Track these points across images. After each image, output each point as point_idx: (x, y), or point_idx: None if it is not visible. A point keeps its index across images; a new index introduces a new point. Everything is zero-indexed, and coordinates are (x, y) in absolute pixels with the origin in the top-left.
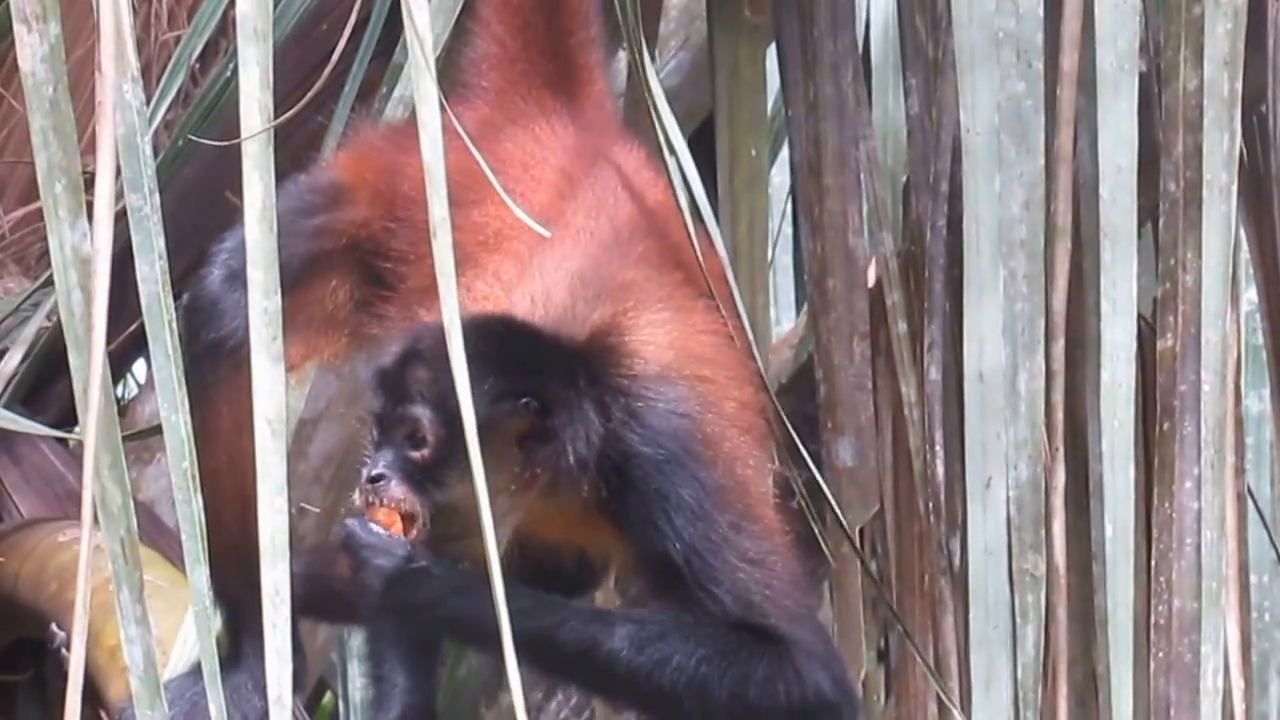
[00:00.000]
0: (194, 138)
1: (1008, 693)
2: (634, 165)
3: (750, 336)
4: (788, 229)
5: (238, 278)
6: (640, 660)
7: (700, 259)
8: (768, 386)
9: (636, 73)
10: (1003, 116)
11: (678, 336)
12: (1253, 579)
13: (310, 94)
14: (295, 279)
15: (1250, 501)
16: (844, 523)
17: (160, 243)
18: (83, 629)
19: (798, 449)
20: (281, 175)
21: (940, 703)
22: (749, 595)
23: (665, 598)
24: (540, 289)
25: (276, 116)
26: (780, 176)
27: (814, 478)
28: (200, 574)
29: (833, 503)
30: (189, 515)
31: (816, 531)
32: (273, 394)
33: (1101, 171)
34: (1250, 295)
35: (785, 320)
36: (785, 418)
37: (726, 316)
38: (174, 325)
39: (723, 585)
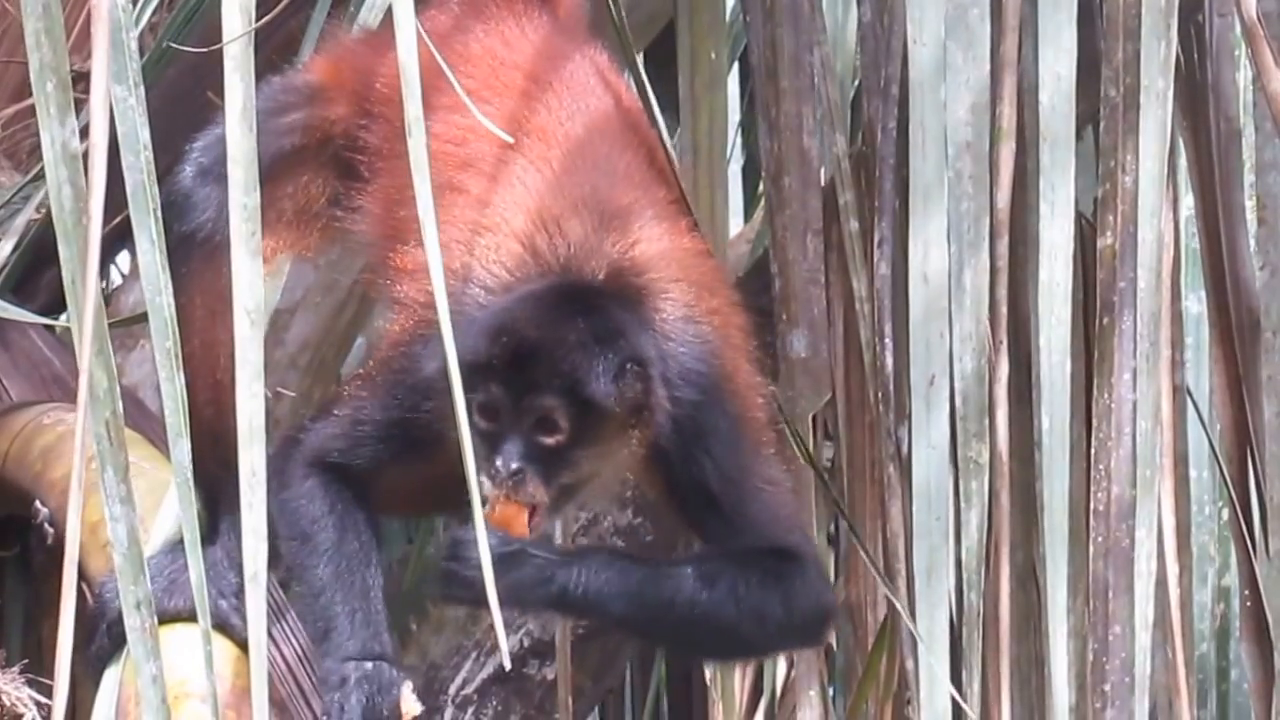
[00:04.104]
0: (175, 45)
1: (951, 580)
2: (604, 70)
3: None
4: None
5: (208, 173)
6: (709, 604)
7: (675, 170)
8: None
9: None
10: (950, 25)
11: (685, 266)
12: (1192, 473)
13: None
14: (270, 174)
15: (1189, 399)
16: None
17: (145, 134)
18: (77, 506)
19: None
20: (258, 77)
21: (890, 581)
22: (772, 514)
23: (698, 523)
24: (550, 217)
25: (256, 20)
26: (730, 87)
27: (772, 369)
28: (182, 447)
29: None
30: (172, 392)
31: (782, 422)
32: (252, 286)
33: (1042, 79)
34: (1190, 201)
35: (733, 225)
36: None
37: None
38: (158, 213)
39: (752, 508)
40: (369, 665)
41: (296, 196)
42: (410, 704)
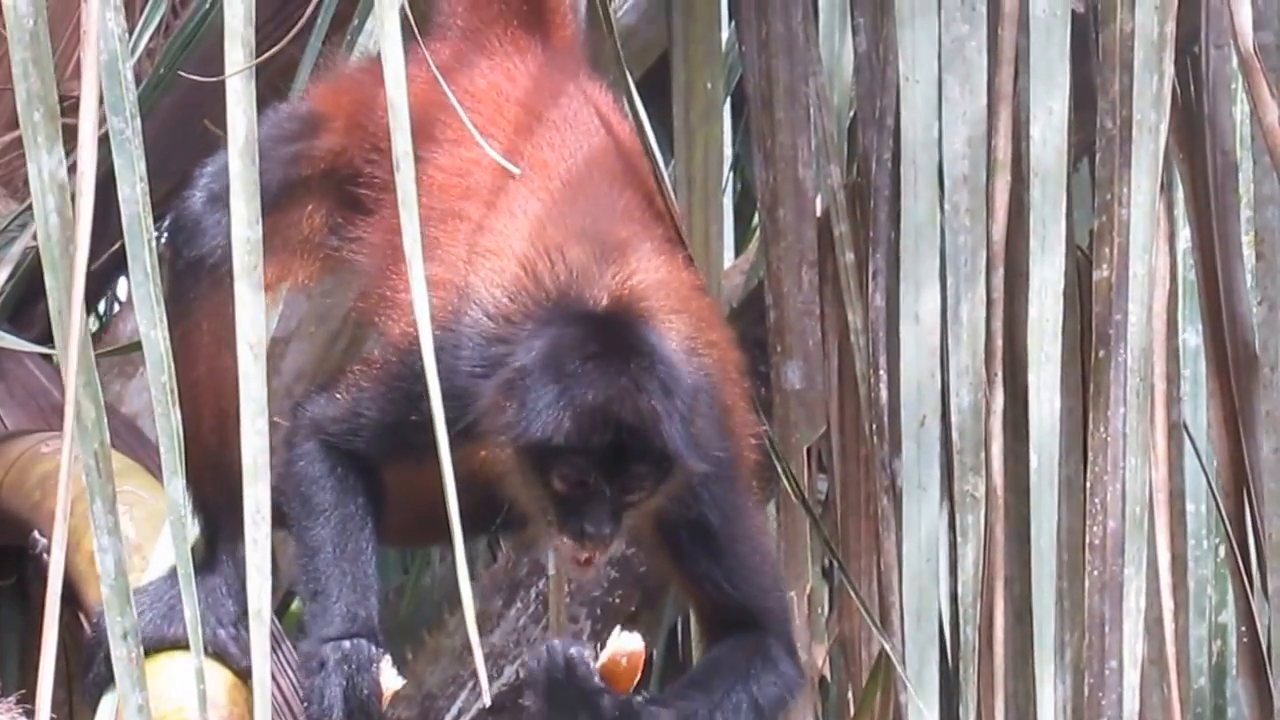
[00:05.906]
0: (179, 71)
1: (946, 615)
2: (604, 106)
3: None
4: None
5: (218, 199)
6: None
7: (673, 207)
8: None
9: (597, 12)
10: (947, 57)
11: (684, 298)
12: (1189, 508)
13: (293, 31)
14: (272, 203)
15: (1186, 434)
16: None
17: (141, 166)
18: (62, 537)
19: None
20: (260, 104)
21: (883, 614)
22: (760, 562)
23: (690, 561)
24: (552, 244)
25: (258, 54)
26: (725, 118)
27: (767, 400)
28: (176, 485)
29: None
30: (167, 428)
31: (770, 453)
32: (254, 320)
33: (1033, 114)
34: (1187, 234)
35: (728, 257)
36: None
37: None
38: (153, 245)
39: (743, 551)
40: (347, 645)
41: (301, 226)
42: (390, 679)
